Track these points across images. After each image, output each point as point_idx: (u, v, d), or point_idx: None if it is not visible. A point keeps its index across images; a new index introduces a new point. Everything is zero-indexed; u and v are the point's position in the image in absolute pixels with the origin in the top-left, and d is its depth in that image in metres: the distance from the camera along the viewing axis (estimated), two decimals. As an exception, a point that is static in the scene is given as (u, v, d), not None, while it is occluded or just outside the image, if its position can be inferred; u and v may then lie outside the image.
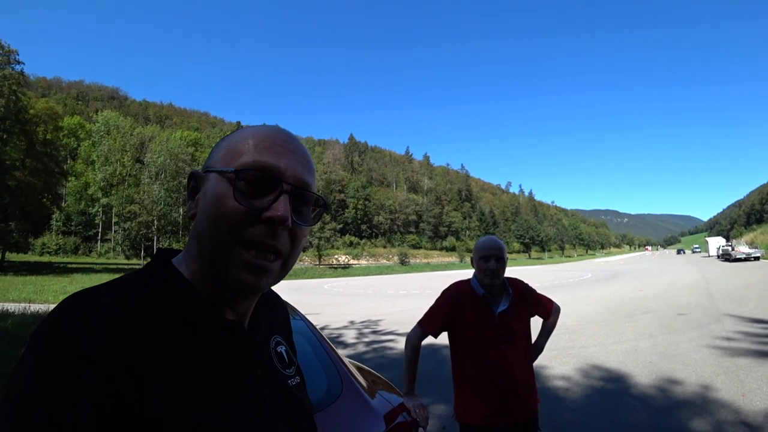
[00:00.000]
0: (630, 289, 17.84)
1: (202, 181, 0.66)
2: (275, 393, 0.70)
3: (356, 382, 2.00)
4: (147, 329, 0.55)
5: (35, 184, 41.58)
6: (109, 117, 74.61)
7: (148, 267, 0.65)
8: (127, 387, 0.49)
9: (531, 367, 2.31)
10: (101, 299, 0.54)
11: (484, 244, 2.27)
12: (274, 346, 0.78)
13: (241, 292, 0.63)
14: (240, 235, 0.60)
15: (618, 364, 6.26)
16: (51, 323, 0.51)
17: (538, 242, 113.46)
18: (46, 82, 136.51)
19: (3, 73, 38.60)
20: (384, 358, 7.21)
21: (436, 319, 2.28)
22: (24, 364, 0.49)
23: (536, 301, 2.40)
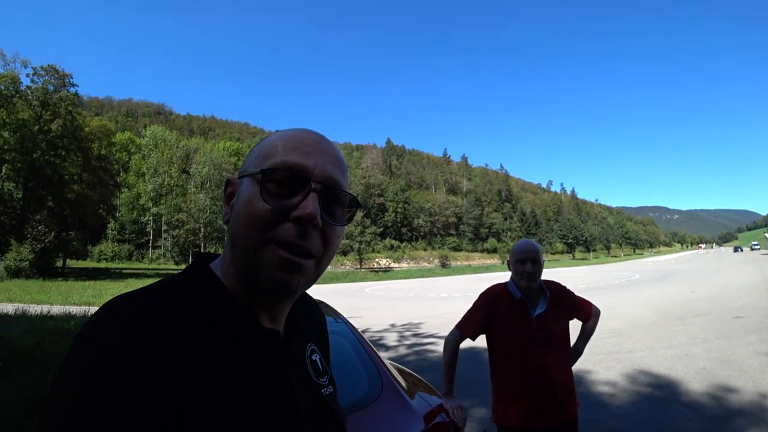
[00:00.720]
0: (681, 290, 17.01)
1: (236, 187, 0.67)
2: (309, 402, 0.69)
3: (396, 382, 2.06)
4: (184, 334, 0.55)
5: (92, 196, 44.25)
6: (156, 131, 78.26)
7: (187, 271, 0.66)
8: (163, 393, 0.50)
9: (570, 370, 2.31)
10: (141, 304, 0.55)
11: (520, 247, 2.29)
12: (309, 354, 0.77)
13: (274, 293, 0.62)
14: (270, 234, 0.59)
15: (668, 370, 6.03)
16: (92, 327, 0.52)
17: (582, 242, 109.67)
18: (98, 101, 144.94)
19: (59, 96, 41.33)
20: (425, 361, 7.24)
21: (473, 322, 2.32)
22: (66, 365, 0.51)
23: (575, 303, 2.40)
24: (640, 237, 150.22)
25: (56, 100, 41.10)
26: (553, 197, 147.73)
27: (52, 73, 41.68)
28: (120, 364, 0.49)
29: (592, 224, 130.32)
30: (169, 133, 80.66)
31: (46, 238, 34.94)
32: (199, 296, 0.62)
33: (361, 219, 65.50)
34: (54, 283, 28.84)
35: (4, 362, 5.11)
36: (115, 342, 0.50)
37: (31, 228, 35.04)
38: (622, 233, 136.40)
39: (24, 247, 33.17)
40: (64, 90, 42.03)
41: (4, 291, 19.94)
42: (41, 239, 34.63)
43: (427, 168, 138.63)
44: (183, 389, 0.52)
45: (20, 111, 39.44)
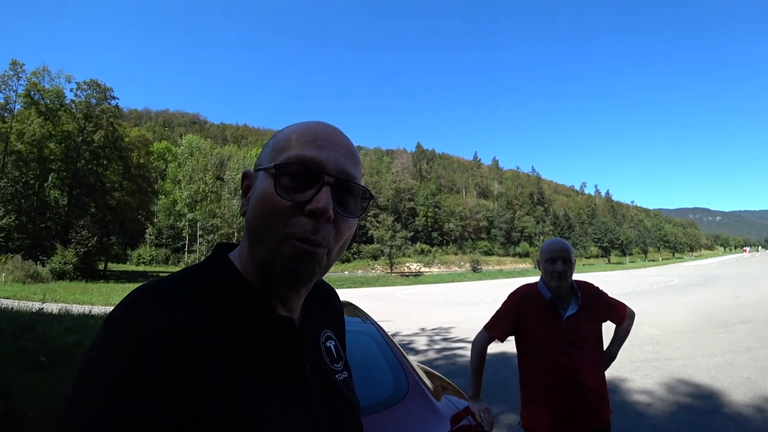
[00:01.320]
0: (724, 295, 16.22)
1: (252, 180, 0.69)
2: (322, 387, 0.71)
3: (422, 384, 2.04)
4: (202, 320, 0.59)
5: (131, 202, 46.17)
6: (191, 140, 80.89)
7: (206, 261, 0.69)
8: (181, 375, 0.53)
9: (602, 374, 2.21)
10: (162, 291, 0.59)
11: (549, 246, 2.22)
12: (324, 340, 0.79)
13: (290, 282, 0.64)
14: (285, 227, 0.61)
15: (709, 380, 5.73)
16: (118, 311, 0.57)
17: (617, 246, 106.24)
18: (137, 113, 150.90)
19: (101, 108, 43.51)
20: (454, 366, 7.15)
21: (502, 323, 2.26)
22: (94, 345, 0.55)
23: (608, 305, 2.30)
24: (680, 240, 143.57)
25: (98, 112, 43.25)
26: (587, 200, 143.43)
27: (94, 87, 43.84)
28: (141, 346, 0.52)
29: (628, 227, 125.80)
30: (203, 142, 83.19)
31: (89, 243, 36.59)
32: (216, 284, 0.64)
33: (392, 223, 65.52)
34: (96, 285, 30.13)
35: (48, 357, 5.36)
36: (138, 323, 0.54)
37: (75, 233, 36.76)
38: (660, 236, 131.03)
39: (69, 251, 34.86)
40: (105, 103, 44.23)
41: (49, 292, 20.88)
42: (84, 243, 36.28)
43: (458, 172, 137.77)
44: (200, 372, 0.55)
45: (65, 123, 41.64)
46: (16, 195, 37.41)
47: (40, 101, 40.51)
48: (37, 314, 8.88)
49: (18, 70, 40.09)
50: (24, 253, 34.12)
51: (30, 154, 38.92)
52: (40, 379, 4.65)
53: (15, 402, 3.84)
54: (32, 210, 39.18)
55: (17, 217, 37.45)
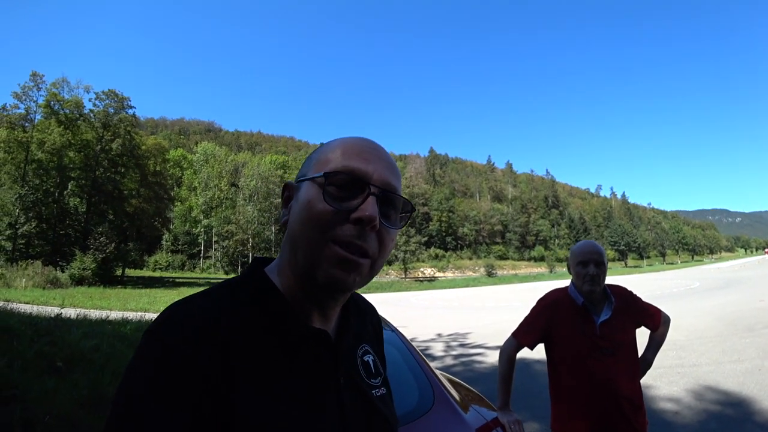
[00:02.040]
0: (748, 299, 15.74)
1: (294, 191, 0.71)
2: (356, 402, 0.70)
3: (448, 394, 1.97)
4: (237, 333, 0.60)
5: (148, 209, 46.86)
6: (206, 148, 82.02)
7: (243, 275, 0.71)
8: (216, 386, 0.55)
9: (638, 383, 2.09)
10: (198, 305, 0.61)
11: (581, 248, 2.13)
12: (362, 354, 0.78)
13: (331, 289, 0.65)
14: (330, 234, 0.62)
15: (737, 386, 5.50)
16: (156, 324, 0.59)
17: (634, 249, 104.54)
18: (153, 121, 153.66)
19: (119, 117, 44.40)
20: (473, 372, 7.01)
21: (531, 330, 2.17)
22: (133, 357, 0.58)
23: (642, 310, 2.19)
24: (699, 242, 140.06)
25: (116, 121, 44.08)
26: (602, 202, 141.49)
27: (112, 97, 44.72)
28: (178, 358, 0.55)
29: (645, 230, 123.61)
30: (218, 149, 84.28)
31: (107, 249, 37.14)
32: (251, 298, 0.66)
33: (405, 228, 65.34)
34: (114, 290, 30.54)
35: (65, 362, 5.36)
36: (177, 336, 0.56)
37: (93, 239, 37.36)
38: (679, 238, 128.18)
39: (87, 257, 35.44)
40: (123, 112, 45.12)
41: (68, 297, 21.17)
42: (103, 250, 36.83)
43: (471, 176, 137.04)
44: (235, 384, 0.57)
45: (84, 132, 42.54)
46: (36, 202, 38.17)
47: (60, 111, 41.36)
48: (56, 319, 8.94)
49: (38, 81, 40.95)
50: (44, 259, 34.78)
51: (50, 163, 39.72)
52: (57, 384, 4.63)
53: (31, 406, 3.83)
54: (52, 217, 39.95)
55: (38, 224, 38.19)
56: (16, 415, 3.57)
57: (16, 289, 25.11)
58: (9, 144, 37.62)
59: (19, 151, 38.27)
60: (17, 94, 40.09)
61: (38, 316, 10.48)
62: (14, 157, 38.03)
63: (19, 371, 4.67)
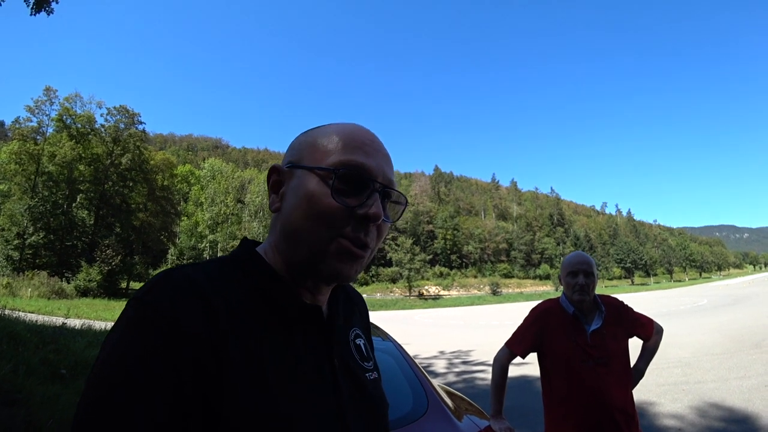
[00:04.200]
0: (756, 315, 15.67)
1: (285, 176, 0.69)
2: (351, 385, 0.70)
3: (442, 402, 2.00)
4: (229, 300, 0.59)
5: (155, 223, 47.25)
6: (214, 164, 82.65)
7: (234, 252, 0.70)
8: (207, 350, 0.54)
9: (630, 393, 2.11)
10: (189, 272, 0.60)
11: (571, 259, 2.18)
12: (353, 338, 0.78)
13: (333, 280, 0.66)
14: (337, 230, 0.63)
15: (743, 403, 5.46)
16: (144, 289, 0.57)
17: (641, 266, 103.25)
18: (162, 137, 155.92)
19: (129, 133, 45.15)
20: (474, 389, 6.97)
21: (523, 339, 2.20)
22: (118, 323, 0.55)
23: (634, 320, 2.22)
24: (707, 259, 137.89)
25: (126, 136, 44.86)
26: (608, 219, 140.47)
27: (123, 112, 45.58)
28: (168, 320, 0.53)
29: (652, 247, 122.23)
30: (225, 165, 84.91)
31: (113, 261, 37.35)
32: (244, 271, 0.65)
33: (410, 246, 65.28)
34: (118, 302, 30.62)
35: (68, 370, 5.42)
36: (165, 301, 0.54)
37: (100, 252, 37.62)
38: (686, 255, 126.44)
39: (93, 269, 35.65)
40: (133, 127, 45.95)
41: (73, 308, 21.35)
42: (109, 262, 37.04)
43: (476, 194, 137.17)
44: (227, 348, 0.55)
45: (94, 146, 43.26)
46: (45, 214, 38.61)
47: (72, 125, 42.15)
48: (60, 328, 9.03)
49: (51, 96, 41.84)
50: (50, 269, 35.13)
51: (60, 176, 40.27)
52: (60, 390, 4.68)
53: (35, 411, 3.87)
54: (60, 228, 40.30)
55: (45, 234, 38.59)
56: (20, 419, 3.62)
57: (21, 299, 25.30)
58: (20, 156, 38.25)
59: (30, 163, 38.89)
60: (30, 107, 41.01)
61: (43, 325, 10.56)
62: (25, 168, 38.64)
63: (23, 377, 4.74)
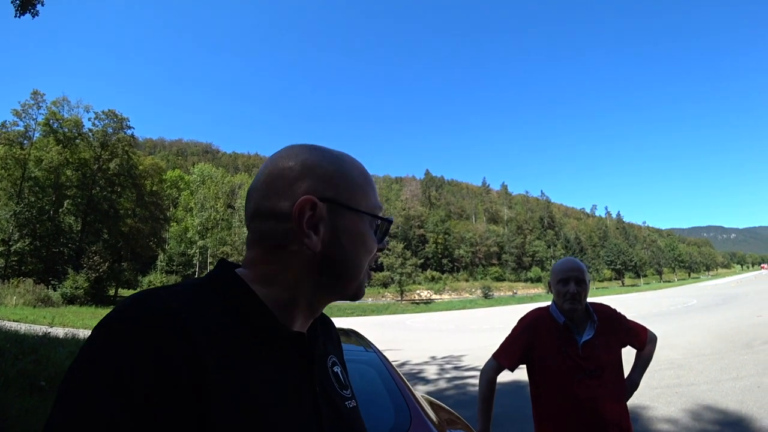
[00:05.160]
0: (746, 314, 15.71)
1: (325, 212, 0.67)
2: (331, 412, 0.68)
3: (425, 417, 1.93)
4: (210, 329, 0.55)
5: (143, 229, 46.72)
6: (203, 169, 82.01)
7: (211, 275, 0.66)
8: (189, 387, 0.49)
9: (624, 405, 2.02)
10: (166, 296, 0.54)
11: (561, 266, 2.08)
12: (331, 365, 0.77)
13: (354, 300, 0.72)
14: (370, 262, 0.72)
15: (737, 405, 5.43)
16: (115, 316, 0.51)
17: (631, 267, 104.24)
18: (152, 142, 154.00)
19: (117, 137, 44.74)
20: (465, 395, 6.88)
21: (511, 351, 2.11)
22: (84, 355, 0.49)
23: (627, 329, 2.13)
24: (695, 260, 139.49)
25: (114, 141, 44.40)
26: (597, 222, 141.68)
27: (112, 117, 45.11)
28: (143, 356, 0.47)
29: (641, 248, 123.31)
30: (215, 170, 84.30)
31: (100, 268, 36.86)
32: (224, 295, 0.61)
33: (401, 251, 65.23)
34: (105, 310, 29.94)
35: (47, 381, 5.25)
36: (139, 332, 0.48)
37: (87, 258, 37.09)
38: (675, 256, 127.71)
39: (80, 276, 35.13)
40: (121, 132, 45.47)
41: (59, 316, 20.97)
42: (96, 269, 36.54)
43: (467, 198, 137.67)
44: (209, 384, 0.51)
45: (82, 151, 42.74)
46: (31, 220, 37.95)
47: (59, 130, 41.58)
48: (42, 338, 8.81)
49: (39, 99, 41.28)
50: (36, 277, 34.45)
51: (47, 181, 39.72)
52: (38, 403, 4.54)
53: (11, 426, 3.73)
54: (46, 235, 39.65)
55: (31, 241, 37.89)
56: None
57: (6, 307, 24.79)
58: (6, 161, 37.66)
59: (16, 168, 38.32)
60: (17, 111, 40.41)
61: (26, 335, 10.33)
62: (11, 173, 38.06)
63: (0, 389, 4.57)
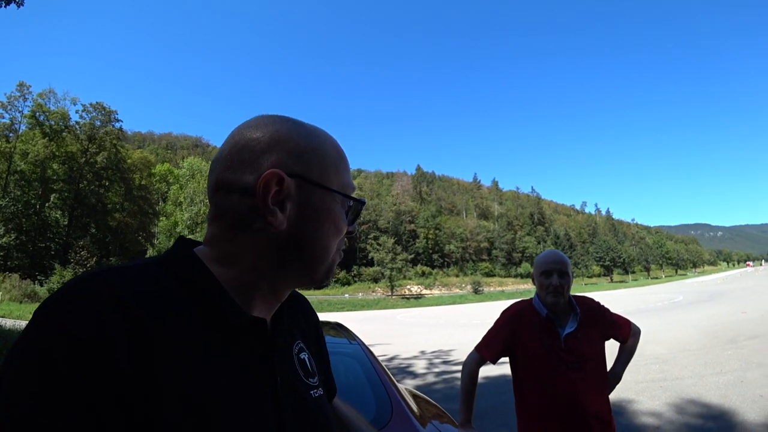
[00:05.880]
0: (731, 311, 15.89)
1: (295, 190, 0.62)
2: (293, 402, 0.64)
3: (407, 409, 1.93)
4: (161, 316, 0.51)
5: (132, 224, 46.37)
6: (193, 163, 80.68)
7: (168, 253, 0.62)
8: (134, 381, 0.45)
9: (606, 398, 2.02)
10: (114, 279, 0.50)
11: (544, 258, 2.07)
12: (297, 352, 0.72)
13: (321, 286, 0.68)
14: (339, 245, 0.68)
15: (720, 399, 5.50)
16: (56, 301, 0.46)
17: (619, 264, 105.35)
18: (141, 135, 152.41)
19: (105, 130, 44.18)
20: (453, 389, 6.91)
21: (494, 343, 2.10)
22: (21, 343, 0.45)
23: (610, 321, 2.12)
24: (682, 257, 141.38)
25: (102, 134, 43.86)
26: (587, 219, 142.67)
27: (99, 109, 44.52)
28: (83, 348, 0.43)
29: (630, 245, 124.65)
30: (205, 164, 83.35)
31: (87, 263, 36.47)
32: (179, 277, 0.57)
33: (392, 246, 65.25)
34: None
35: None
36: (80, 322, 0.44)
37: (74, 253, 36.70)
38: (662, 253, 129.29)
39: (67, 271, 34.69)
40: (109, 125, 44.92)
41: (46, 313, 20.64)
42: (84, 264, 36.15)
43: (458, 193, 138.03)
44: (156, 381, 0.47)
45: (69, 144, 42.13)
46: (17, 214, 37.49)
47: (45, 122, 40.97)
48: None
49: (25, 91, 40.68)
50: (22, 272, 34.02)
51: (33, 174, 39.17)
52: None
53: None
54: (32, 230, 39.18)
55: (17, 236, 37.41)
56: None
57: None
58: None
59: (2, 161, 37.85)
60: (2, 103, 39.87)
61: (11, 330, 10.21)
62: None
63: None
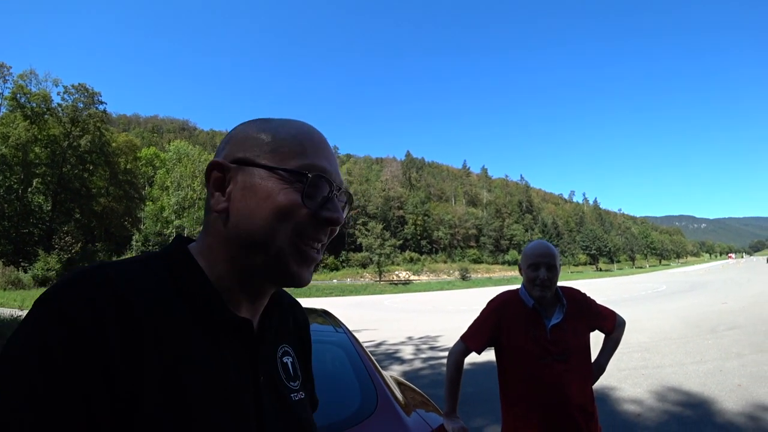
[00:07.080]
0: (712, 301, 16.25)
1: (231, 173, 0.62)
2: (274, 403, 0.65)
3: (393, 398, 1.91)
4: (152, 308, 0.53)
5: (118, 208, 45.77)
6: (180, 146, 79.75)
7: (165, 249, 0.64)
8: (122, 368, 0.48)
9: (590, 390, 2.02)
10: (108, 271, 0.52)
11: (532, 251, 2.03)
12: (281, 355, 0.73)
13: (289, 284, 0.63)
14: (303, 234, 0.61)
15: (699, 387, 5.64)
16: (54, 291, 0.49)
17: (605, 253, 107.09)
18: (126, 118, 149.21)
19: (89, 113, 43.18)
20: (440, 375, 6.98)
21: (479, 333, 2.08)
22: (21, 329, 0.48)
23: (596, 313, 2.12)
24: (666, 247, 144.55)
25: (85, 117, 42.86)
26: (575, 208, 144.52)
27: (82, 91, 43.45)
28: (79, 334, 0.46)
29: (616, 234, 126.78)
30: (192, 148, 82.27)
31: (72, 249, 36.01)
32: (171, 277, 0.59)
33: (380, 231, 65.33)
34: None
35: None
36: (77, 310, 0.47)
37: (58, 239, 36.17)
38: (647, 243, 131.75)
39: (51, 258, 34.25)
40: (93, 107, 43.89)
41: (29, 299, 20.44)
42: (68, 250, 35.68)
43: (447, 180, 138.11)
44: (144, 366, 0.49)
45: (51, 127, 41.17)
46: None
47: (27, 105, 39.95)
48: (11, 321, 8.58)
49: (5, 72, 39.78)
50: (5, 259, 33.46)
51: (14, 159, 38.26)
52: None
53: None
54: (15, 215, 38.48)
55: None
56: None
57: (-27, 290, 24.10)
58: (-30, 138, 36.17)
59: (-19, 146, 36.81)
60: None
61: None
62: (-25, 151, 36.58)
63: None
